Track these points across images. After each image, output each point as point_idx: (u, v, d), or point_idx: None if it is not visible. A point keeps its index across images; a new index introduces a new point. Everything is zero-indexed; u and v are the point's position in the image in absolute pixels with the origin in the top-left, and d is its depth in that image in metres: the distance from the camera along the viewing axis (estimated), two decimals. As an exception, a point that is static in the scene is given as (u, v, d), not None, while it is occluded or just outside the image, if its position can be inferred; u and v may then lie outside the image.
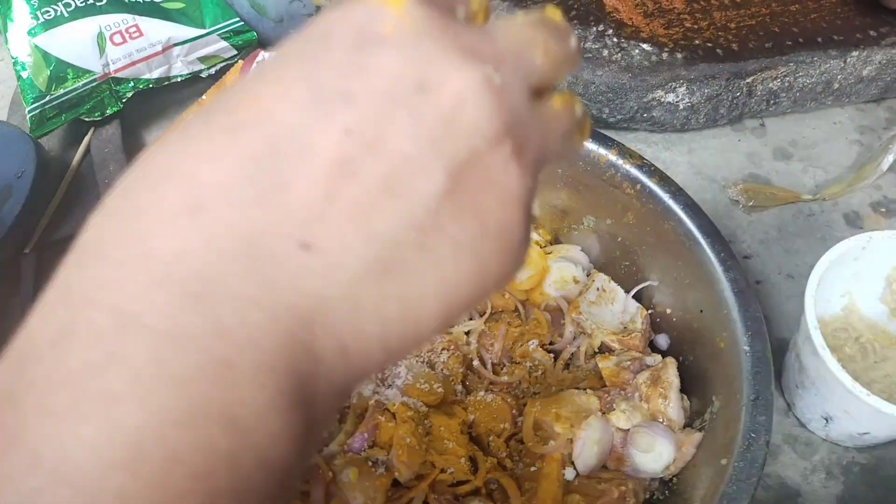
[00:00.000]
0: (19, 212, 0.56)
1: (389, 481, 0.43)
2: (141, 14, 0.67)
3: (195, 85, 0.70)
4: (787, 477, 0.53)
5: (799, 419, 0.55)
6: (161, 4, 0.69)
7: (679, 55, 0.62)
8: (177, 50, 0.67)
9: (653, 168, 0.51)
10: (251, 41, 0.71)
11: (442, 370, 0.51)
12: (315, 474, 0.42)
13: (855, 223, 0.64)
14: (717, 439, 0.45)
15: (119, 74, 0.65)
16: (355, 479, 0.42)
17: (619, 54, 0.62)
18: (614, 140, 0.53)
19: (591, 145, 0.52)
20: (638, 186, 0.51)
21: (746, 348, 0.45)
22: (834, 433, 0.53)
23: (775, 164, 0.67)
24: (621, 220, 0.54)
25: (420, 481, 0.45)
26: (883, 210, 0.65)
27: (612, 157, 0.52)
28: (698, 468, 0.45)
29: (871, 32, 0.65)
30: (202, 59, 0.69)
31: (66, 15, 0.64)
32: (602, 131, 0.64)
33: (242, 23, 0.70)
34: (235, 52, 0.71)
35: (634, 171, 0.51)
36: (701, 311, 0.49)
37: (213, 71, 0.70)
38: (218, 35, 0.69)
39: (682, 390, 0.50)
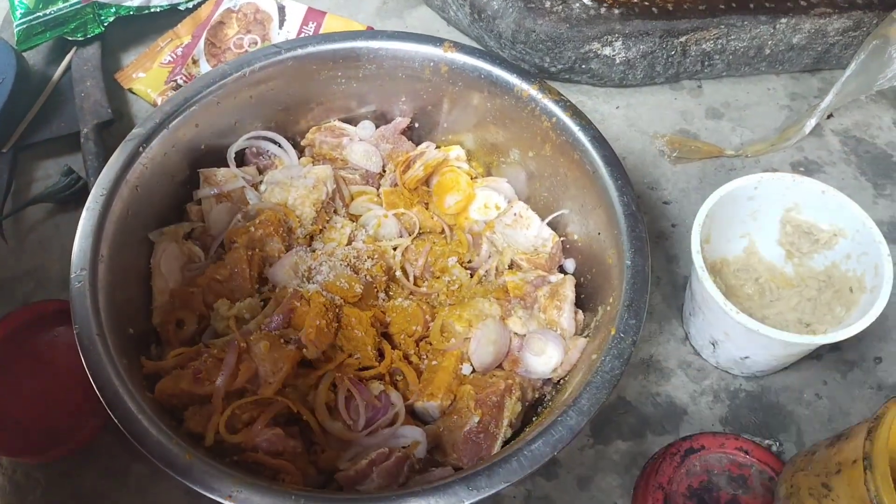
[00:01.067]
0: (-3, 112, 0.62)
1: (297, 356, 0.48)
2: None
3: (173, 16, 0.74)
4: (677, 397, 0.58)
5: (694, 347, 0.59)
6: None
7: (616, 11, 0.67)
8: (158, -19, 0.72)
9: (567, 103, 0.56)
10: None
11: (365, 276, 0.56)
12: (231, 344, 0.47)
13: (773, 179, 0.68)
14: (595, 342, 0.50)
15: (101, 0, 0.70)
16: (265, 351, 0.47)
17: (560, 6, 0.67)
18: (537, 76, 0.57)
19: (516, 80, 0.57)
20: (553, 119, 0.56)
21: (628, 262, 0.49)
22: (721, 358, 0.57)
23: (706, 122, 0.72)
24: (540, 151, 0.58)
25: (329, 363, 0.50)
26: (802, 169, 0.69)
27: (533, 91, 0.56)
28: (579, 368, 0.50)
29: (802, 2, 0.69)
30: None
31: (56, -60, 0.69)
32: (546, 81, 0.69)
33: None
34: None
35: (551, 105, 0.56)
36: (599, 233, 0.54)
37: (191, 5, 0.75)
38: None
39: (579, 305, 0.55)
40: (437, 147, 0.63)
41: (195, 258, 0.55)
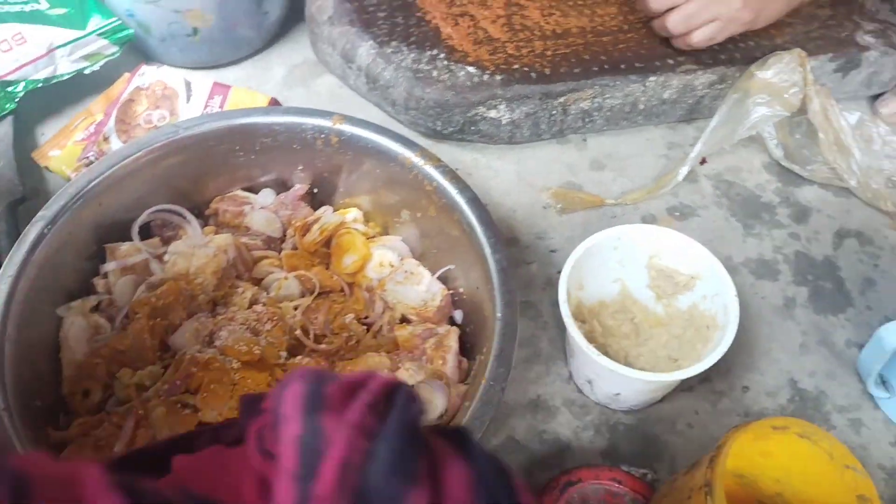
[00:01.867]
0: None
1: (194, 420, 0.52)
2: (25, 22, 0.74)
3: (81, 82, 0.78)
4: (562, 433, 0.62)
5: (576, 385, 0.64)
6: (45, 12, 0.76)
7: (498, 77, 0.72)
8: (60, 51, 0.75)
9: (446, 168, 0.61)
10: (130, 38, 0.78)
11: (265, 337, 0.59)
12: (129, 411, 0.51)
13: (651, 224, 0.74)
14: (473, 388, 0.54)
15: (8, 78, 0.74)
16: (163, 416, 0.51)
17: (447, 75, 0.72)
18: (418, 145, 0.62)
19: (400, 149, 0.62)
20: (434, 184, 0.61)
21: (499, 315, 0.54)
22: (599, 395, 0.62)
23: (590, 174, 0.77)
24: (426, 212, 0.63)
25: (227, 423, 0.54)
26: (677, 213, 0.75)
27: (415, 158, 0.61)
28: (461, 414, 0.54)
29: (669, 61, 0.76)
30: (86, 58, 0.77)
31: (-44, 29, 0.73)
32: (439, 143, 0.74)
33: (120, 21, 0.77)
34: (116, 48, 0.78)
35: (432, 171, 0.61)
36: (478, 287, 0.59)
37: (97, 67, 0.77)
38: (98, 35, 0.76)
39: (465, 354, 0.60)
40: (336, 210, 0.68)
41: (102, 330, 0.58)
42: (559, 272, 0.69)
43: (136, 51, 0.81)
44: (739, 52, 0.77)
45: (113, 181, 0.60)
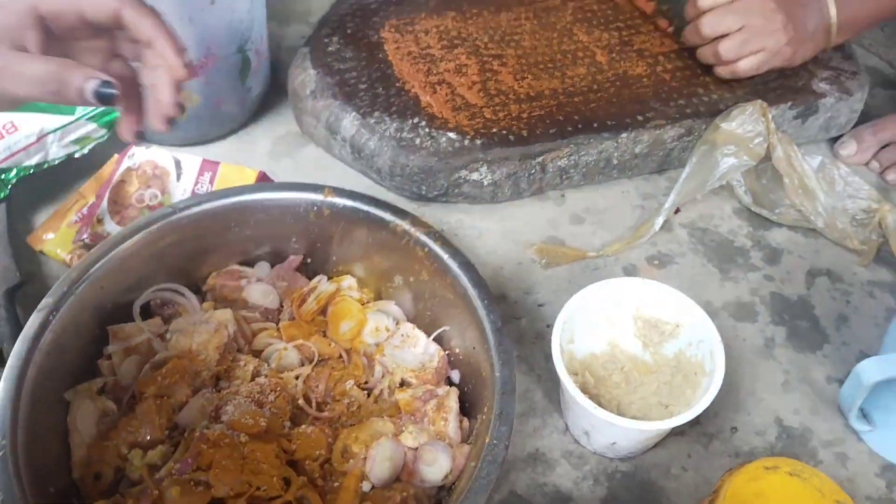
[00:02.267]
0: None
1: (208, 497, 0.53)
2: (15, 110, 0.77)
3: (71, 166, 0.80)
4: (562, 485, 0.64)
5: (573, 436, 0.66)
6: None
7: (478, 141, 0.76)
8: (51, 137, 0.77)
9: (437, 234, 0.64)
10: (117, 118, 0.80)
11: (269, 408, 0.61)
12: (143, 492, 0.52)
13: (632, 273, 0.77)
14: (475, 448, 0.56)
15: (2, 165, 0.75)
16: (177, 496, 0.52)
17: (429, 142, 0.76)
18: (408, 213, 0.65)
19: (390, 217, 0.65)
20: (426, 249, 0.63)
21: (497, 374, 0.56)
22: (595, 445, 0.64)
23: (570, 228, 0.81)
24: (419, 277, 0.65)
25: (238, 498, 0.55)
26: (656, 262, 0.78)
27: (406, 226, 0.64)
28: (465, 473, 0.56)
29: (639, 117, 0.80)
30: (75, 142, 0.79)
31: (-52, 120, 0.74)
32: (424, 205, 0.77)
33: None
34: (104, 130, 0.80)
35: (423, 237, 0.63)
36: (474, 347, 0.61)
37: (86, 151, 0.80)
38: (87, 119, 0.79)
39: (465, 413, 0.62)
40: (330, 278, 0.70)
41: (109, 411, 0.59)
42: (549, 326, 0.72)
43: (124, 131, 0.84)
44: (704, 105, 0.82)
45: (113, 264, 0.62)
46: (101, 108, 0.79)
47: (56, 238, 0.75)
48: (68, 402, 0.59)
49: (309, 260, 0.71)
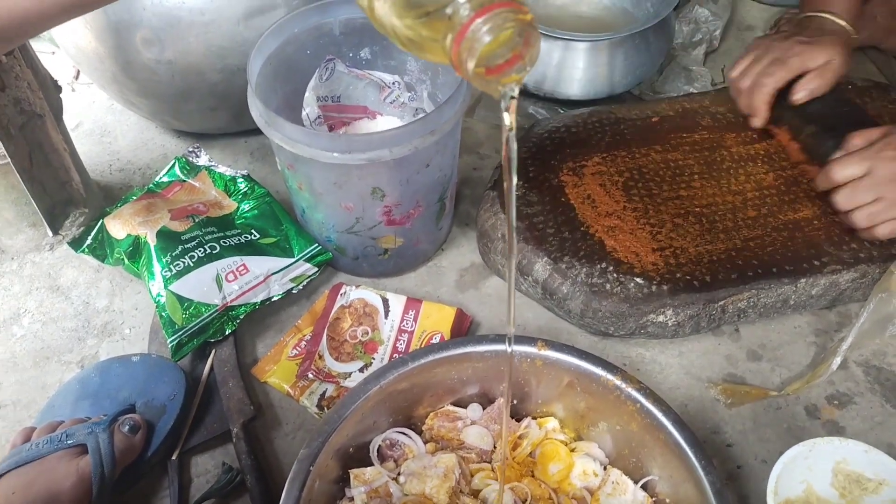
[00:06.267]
0: (171, 426, 0.74)
1: None
2: (246, 254, 0.87)
3: (289, 300, 0.90)
4: None
5: (775, 583, 0.70)
6: (258, 242, 0.89)
7: (665, 287, 0.81)
8: (274, 277, 0.87)
9: (648, 390, 0.69)
10: (328, 259, 0.90)
11: (495, 549, 0.67)
12: None
13: (814, 414, 0.80)
14: None
15: (233, 303, 0.84)
16: None
17: (619, 288, 0.81)
18: (618, 368, 0.70)
19: (601, 371, 0.70)
20: (638, 405, 0.69)
21: (723, 535, 0.61)
22: None
23: (748, 365, 0.85)
24: (627, 427, 0.71)
25: None
26: (836, 402, 0.82)
27: (618, 381, 0.70)
28: None
29: (815, 262, 0.84)
30: (293, 280, 0.89)
31: (191, 265, 0.84)
32: (604, 339, 0.82)
33: (320, 247, 0.89)
34: (316, 269, 0.89)
35: (635, 393, 0.69)
36: (690, 502, 0.65)
37: (301, 287, 0.89)
38: (303, 260, 0.89)
39: (679, 564, 0.66)
40: (533, 418, 0.76)
41: (358, 552, 0.66)
42: (738, 466, 0.76)
43: (330, 266, 0.92)
44: (876, 250, 0.85)
45: (357, 414, 0.69)
46: (315, 251, 0.88)
47: (278, 370, 0.83)
48: (323, 544, 0.66)
49: (514, 401, 0.77)
